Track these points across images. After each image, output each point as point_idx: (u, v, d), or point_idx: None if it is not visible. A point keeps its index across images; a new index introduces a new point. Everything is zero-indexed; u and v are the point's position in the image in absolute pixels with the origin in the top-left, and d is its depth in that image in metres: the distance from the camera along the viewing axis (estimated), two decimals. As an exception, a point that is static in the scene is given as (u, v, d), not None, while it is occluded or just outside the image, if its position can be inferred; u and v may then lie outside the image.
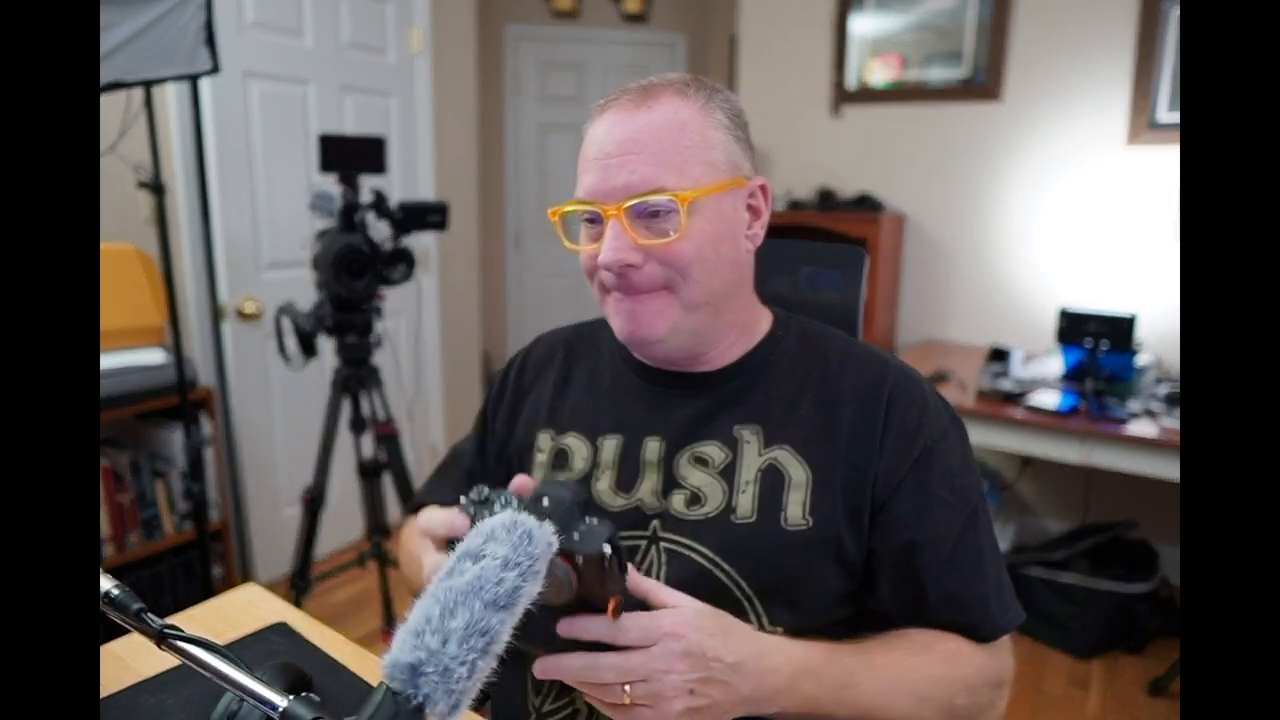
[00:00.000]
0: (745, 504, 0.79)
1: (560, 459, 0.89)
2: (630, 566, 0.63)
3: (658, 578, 0.79)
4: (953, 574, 0.78)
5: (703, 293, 0.79)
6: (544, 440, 0.91)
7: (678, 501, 0.82)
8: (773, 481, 0.80)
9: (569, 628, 0.62)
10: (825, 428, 0.81)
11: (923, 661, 0.74)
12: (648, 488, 0.83)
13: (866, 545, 0.80)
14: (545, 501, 0.60)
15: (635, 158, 0.75)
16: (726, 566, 0.78)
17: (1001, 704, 0.79)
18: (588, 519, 0.59)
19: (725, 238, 0.80)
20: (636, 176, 0.75)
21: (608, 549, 0.58)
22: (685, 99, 0.78)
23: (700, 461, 0.82)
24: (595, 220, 0.79)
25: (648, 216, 0.76)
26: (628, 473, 0.85)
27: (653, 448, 0.84)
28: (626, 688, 0.61)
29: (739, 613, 0.78)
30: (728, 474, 0.81)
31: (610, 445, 0.87)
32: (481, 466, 0.98)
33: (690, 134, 0.77)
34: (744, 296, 0.87)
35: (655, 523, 0.82)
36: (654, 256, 0.77)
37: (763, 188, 0.84)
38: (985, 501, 0.83)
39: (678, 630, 0.62)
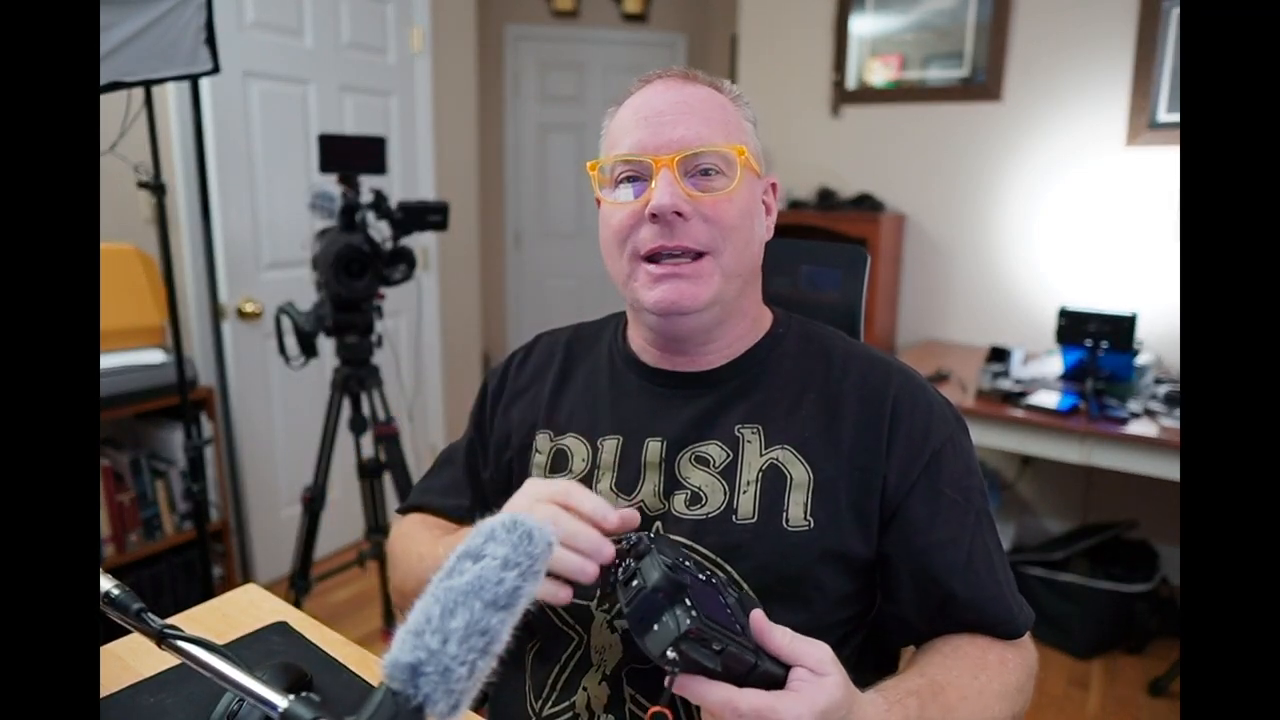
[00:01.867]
0: (746, 504, 0.79)
1: (559, 460, 0.89)
2: (757, 614, 0.60)
3: None
4: (971, 575, 0.78)
5: (738, 262, 0.81)
6: (542, 441, 0.91)
7: (679, 502, 0.81)
8: (774, 482, 0.79)
9: (686, 686, 0.58)
10: (827, 429, 0.81)
11: (985, 682, 0.74)
12: (649, 489, 0.83)
13: (876, 550, 0.80)
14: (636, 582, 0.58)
15: (689, 116, 0.79)
16: (728, 567, 0.78)
17: (1032, 687, 0.80)
18: (675, 610, 0.56)
19: (756, 214, 0.84)
20: (691, 133, 0.78)
21: (671, 653, 0.55)
22: (720, 91, 0.84)
23: (701, 461, 0.82)
24: (637, 179, 0.79)
25: (698, 175, 0.78)
26: (628, 474, 0.85)
27: (653, 448, 0.84)
28: None
29: None
30: (728, 474, 0.81)
31: (610, 446, 0.87)
32: (477, 463, 0.98)
33: (730, 114, 0.82)
34: (756, 287, 0.88)
35: (657, 524, 0.82)
36: (701, 212, 0.77)
37: (773, 185, 0.88)
38: (987, 498, 0.83)
39: (828, 696, 0.58)
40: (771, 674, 0.59)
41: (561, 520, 0.65)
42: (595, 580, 0.63)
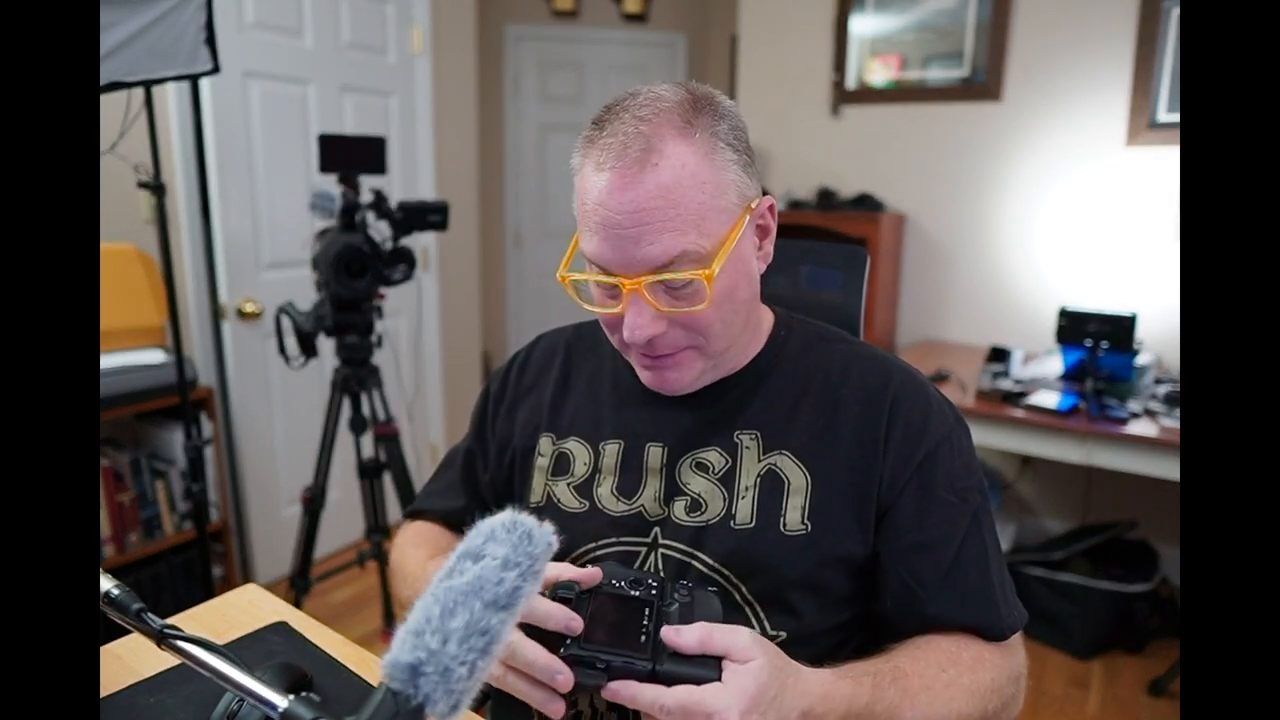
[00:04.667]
0: (744, 510, 0.79)
1: (561, 463, 0.89)
2: (666, 629, 0.64)
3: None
4: (958, 576, 0.78)
5: (724, 342, 0.80)
6: (545, 444, 0.91)
7: (679, 508, 0.82)
8: (771, 486, 0.79)
9: (617, 693, 0.62)
10: (826, 432, 0.81)
11: (953, 676, 0.73)
12: (650, 494, 0.83)
13: (873, 549, 0.79)
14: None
15: (650, 227, 0.70)
16: (726, 573, 0.78)
17: (1021, 696, 0.79)
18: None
19: (743, 280, 0.78)
20: (656, 248, 0.70)
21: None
22: (689, 142, 0.71)
23: (701, 467, 0.82)
24: (612, 285, 0.75)
25: (668, 287, 0.74)
26: (630, 479, 0.85)
27: (655, 454, 0.84)
28: None
29: (742, 619, 0.78)
30: (727, 480, 0.81)
31: (611, 450, 0.87)
32: (475, 466, 0.98)
33: (704, 187, 0.71)
34: (754, 318, 0.86)
35: (656, 529, 0.82)
36: (678, 323, 0.76)
37: (770, 207, 0.81)
38: (988, 502, 0.83)
39: (722, 713, 0.59)
40: (694, 675, 0.62)
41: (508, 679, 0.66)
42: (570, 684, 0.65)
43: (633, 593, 0.68)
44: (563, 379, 0.94)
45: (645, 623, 0.65)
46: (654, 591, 0.68)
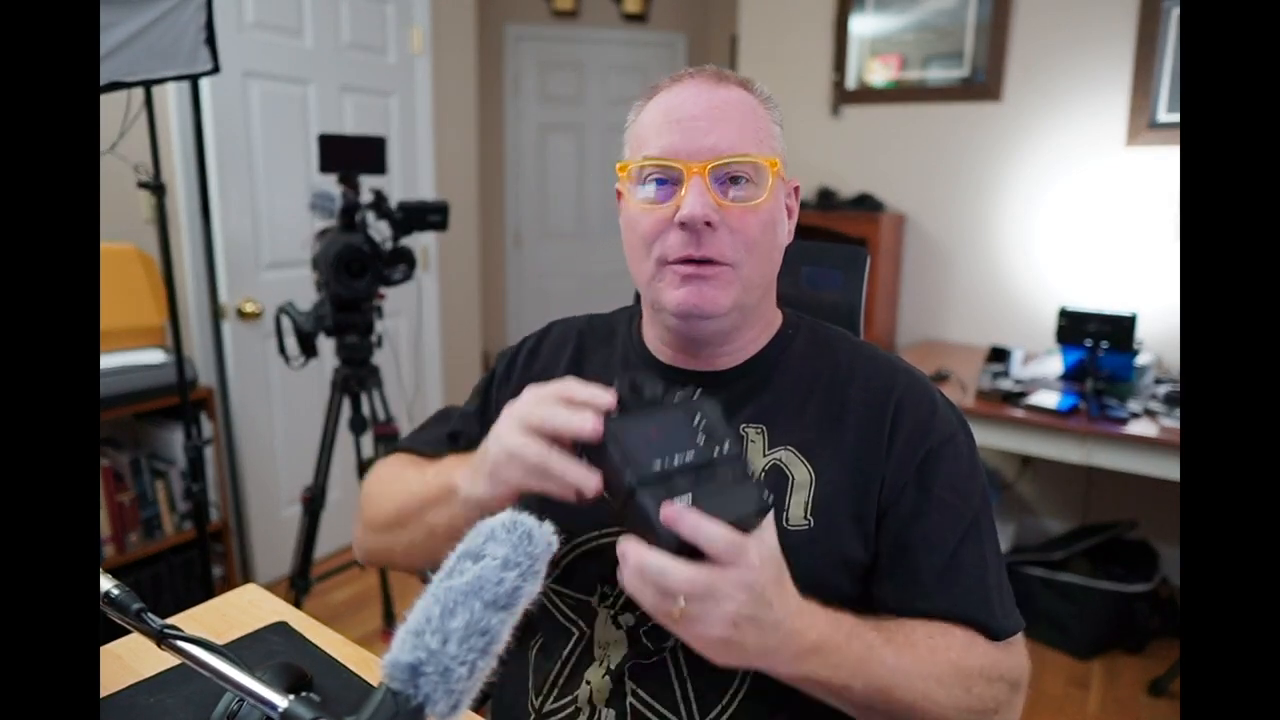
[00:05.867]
0: None
1: None
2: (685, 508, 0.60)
3: None
4: (954, 575, 0.77)
5: (760, 274, 0.81)
6: None
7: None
8: (775, 481, 0.80)
9: (675, 519, 0.59)
10: (830, 431, 0.81)
11: (941, 644, 0.72)
12: None
13: (874, 554, 0.79)
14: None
15: (722, 124, 0.78)
16: None
17: (1019, 706, 0.77)
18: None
19: (779, 224, 0.84)
20: (724, 141, 0.77)
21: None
22: (751, 92, 0.82)
23: None
24: (667, 182, 0.79)
25: (727, 182, 0.78)
26: None
27: None
28: (683, 600, 0.59)
29: None
30: None
31: None
32: (473, 429, 0.94)
33: (761, 119, 0.81)
34: (772, 294, 0.88)
35: None
36: (728, 223, 0.77)
37: (796, 189, 0.87)
38: (989, 510, 0.82)
39: (756, 564, 0.59)
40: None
41: (550, 461, 0.65)
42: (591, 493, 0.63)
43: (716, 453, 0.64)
44: (573, 367, 0.93)
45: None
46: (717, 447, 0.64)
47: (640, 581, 0.59)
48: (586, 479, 0.63)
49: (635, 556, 0.59)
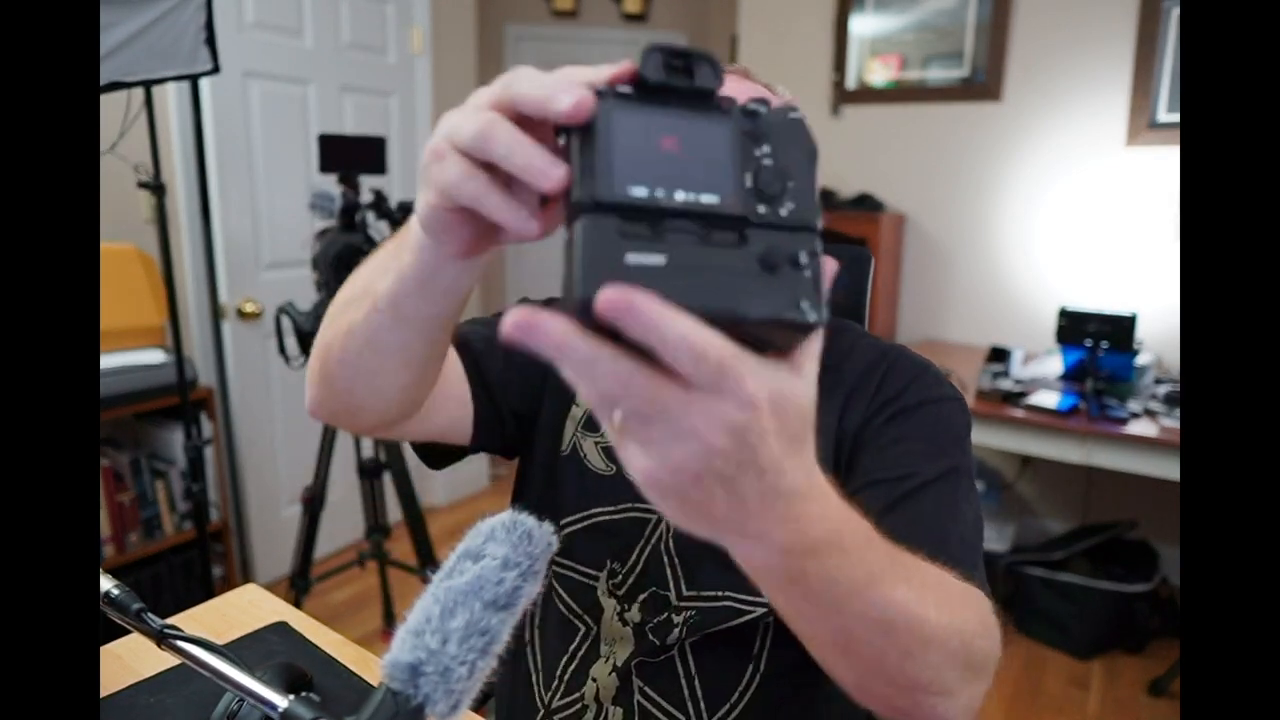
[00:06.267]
0: None
1: (591, 421, 0.87)
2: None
3: (657, 551, 0.79)
4: (913, 507, 0.69)
5: None
6: (569, 429, 0.87)
7: None
8: None
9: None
10: (821, 403, 0.80)
11: (949, 579, 0.57)
12: None
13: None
14: None
15: (734, 81, 0.78)
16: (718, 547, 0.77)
17: (980, 691, 0.56)
18: None
19: None
20: (738, 91, 0.79)
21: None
22: (751, 80, 0.82)
23: None
24: None
25: None
26: None
27: None
28: (618, 414, 0.35)
29: (738, 579, 0.73)
30: None
31: None
32: (499, 363, 0.88)
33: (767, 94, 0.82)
34: None
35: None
36: None
37: None
38: (971, 479, 0.75)
39: (755, 400, 0.35)
40: None
41: (495, 132, 0.38)
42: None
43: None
44: None
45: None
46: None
47: (584, 382, 0.35)
48: (544, 166, 0.36)
49: (587, 357, 0.33)
